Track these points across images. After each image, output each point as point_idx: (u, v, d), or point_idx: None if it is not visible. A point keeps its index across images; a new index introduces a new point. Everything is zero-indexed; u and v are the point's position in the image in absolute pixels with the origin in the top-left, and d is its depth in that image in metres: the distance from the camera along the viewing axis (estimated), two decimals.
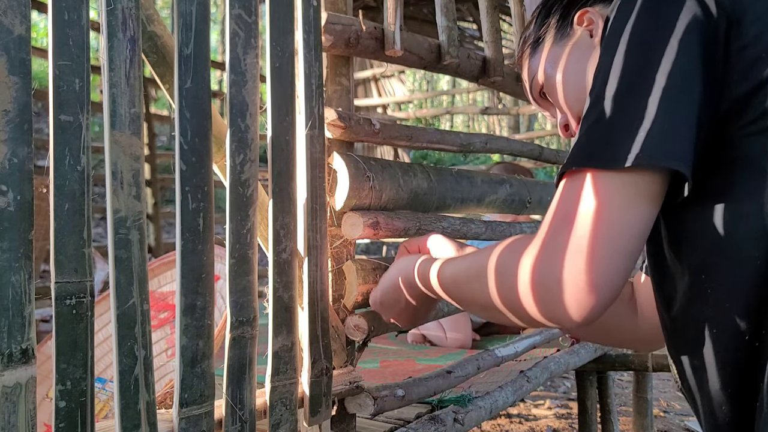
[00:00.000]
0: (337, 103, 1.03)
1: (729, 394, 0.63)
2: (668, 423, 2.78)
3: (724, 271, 0.61)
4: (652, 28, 0.60)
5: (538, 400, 3.11)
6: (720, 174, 0.61)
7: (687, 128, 0.57)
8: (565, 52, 0.82)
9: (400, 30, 1.07)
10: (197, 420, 0.73)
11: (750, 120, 0.59)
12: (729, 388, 0.63)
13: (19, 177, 0.58)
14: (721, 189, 0.60)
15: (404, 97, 6.75)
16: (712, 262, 0.62)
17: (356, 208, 0.99)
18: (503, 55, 1.44)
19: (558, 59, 0.83)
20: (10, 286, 0.58)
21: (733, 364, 0.62)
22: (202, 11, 0.72)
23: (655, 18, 0.60)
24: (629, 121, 0.58)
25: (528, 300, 0.61)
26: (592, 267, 0.57)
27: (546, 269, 0.59)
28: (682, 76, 0.58)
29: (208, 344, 0.74)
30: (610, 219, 0.57)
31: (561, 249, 0.58)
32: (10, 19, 0.57)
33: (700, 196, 0.61)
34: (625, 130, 0.58)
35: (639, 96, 0.58)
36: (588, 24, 0.80)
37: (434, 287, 0.79)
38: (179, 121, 0.70)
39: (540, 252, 0.60)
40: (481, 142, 1.40)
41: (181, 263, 0.71)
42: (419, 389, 1.11)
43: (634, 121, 0.57)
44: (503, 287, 0.64)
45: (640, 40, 0.60)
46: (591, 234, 0.57)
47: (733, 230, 0.59)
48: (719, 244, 0.61)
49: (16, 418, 0.58)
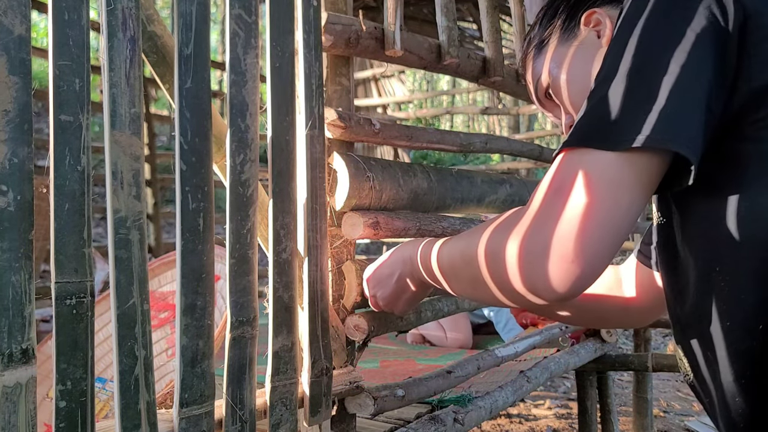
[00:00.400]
0: (337, 103, 1.03)
1: (743, 385, 0.63)
2: (668, 423, 2.78)
3: (738, 263, 0.61)
4: (665, 18, 0.60)
5: (538, 400, 3.11)
6: (734, 166, 0.61)
7: (694, 115, 0.57)
8: (571, 52, 0.82)
9: (400, 30, 1.08)
10: (197, 420, 0.73)
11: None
12: (743, 380, 0.63)
13: (19, 177, 0.58)
14: (735, 181, 0.60)
15: (404, 97, 6.75)
16: (725, 255, 0.62)
17: (356, 208, 0.99)
18: (503, 55, 1.44)
19: (564, 59, 0.83)
20: (11, 286, 0.58)
21: (746, 356, 0.62)
22: (202, 11, 0.72)
23: (670, 9, 0.60)
24: (636, 103, 0.58)
25: (513, 270, 0.61)
26: (581, 241, 0.57)
27: (535, 239, 0.60)
28: (692, 64, 0.57)
29: (209, 344, 0.74)
30: (604, 197, 0.57)
31: (552, 220, 0.59)
32: (10, 19, 0.57)
33: (714, 189, 0.62)
34: (631, 112, 0.58)
35: (647, 80, 0.58)
36: (595, 25, 0.80)
37: (433, 265, 0.79)
38: (179, 121, 0.70)
39: (531, 223, 0.61)
40: (481, 142, 1.40)
41: (181, 263, 0.71)
42: (419, 389, 1.11)
43: (640, 103, 0.58)
44: (492, 259, 0.65)
45: (652, 29, 0.60)
46: (584, 209, 0.57)
47: (747, 222, 0.59)
48: (733, 237, 0.60)
49: (16, 418, 0.58)
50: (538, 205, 0.61)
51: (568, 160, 0.61)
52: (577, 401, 2.06)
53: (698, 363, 0.69)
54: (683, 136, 0.56)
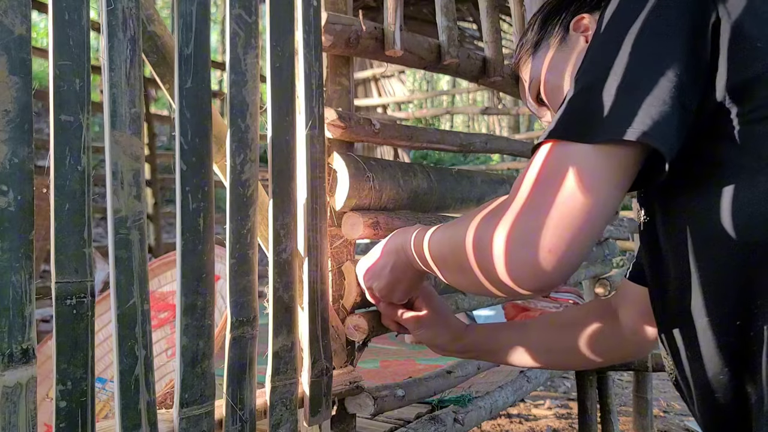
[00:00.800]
0: (337, 103, 1.03)
1: (721, 381, 0.64)
2: (668, 423, 2.78)
3: (716, 259, 0.62)
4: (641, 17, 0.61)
5: (538, 400, 3.11)
6: (714, 163, 0.62)
7: (670, 110, 0.58)
8: (561, 57, 0.84)
9: (400, 30, 1.08)
10: (197, 420, 0.73)
11: (751, 108, 0.59)
12: (721, 376, 0.64)
13: (20, 177, 0.58)
14: (716, 177, 0.61)
15: (404, 97, 6.75)
16: (704, 251, 0.63)
17: (356, 208, 0.99)
18: (503, 55, 1.44)
19: (554, 64, 0.85)
20: (11, 286, 0.58)
21: (725, 352, 0.63)
22: (202, 11, 0.72)
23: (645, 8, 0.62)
24: (613, 97, 0.59)
25: (498, 259, 0.62)
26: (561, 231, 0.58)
27: (518, 228, 0.61)
28: (666, 61, 0.59)
29: (209, 344, 0.74)
30: (583, 189, 0.58)
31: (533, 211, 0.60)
32: (11, 19, 0.57)
33: (694, 185, 0.63)
34: (608, 106, 0.59)
35: (625, 76, 0.59)
36: (584, 30, 0.82)
37: (425, 253, 0.80)
38: (179, 121, 0.70)
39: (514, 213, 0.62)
40: (481, 142, 1.40)
41: (181, 263, 0.71)
42: (419, 389, 1.11)
43: (618, 97, 0.59)
44: (478, 247, 0.65)
45: (628, 27, 0.62)
46: (563, 201, 0.59)
47: (726, 218, 0.60)
48: (712, 233, 0.62)
49: (16, 418, 0.58)
50: (521, 196, 0.62)
51: (548, 152, 0.62)
52: (577, 401, 2.06)
53: (681, 359, 0.70)
54: (658, 131, 0.57)
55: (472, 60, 1.34)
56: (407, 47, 1.11)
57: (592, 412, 2.02)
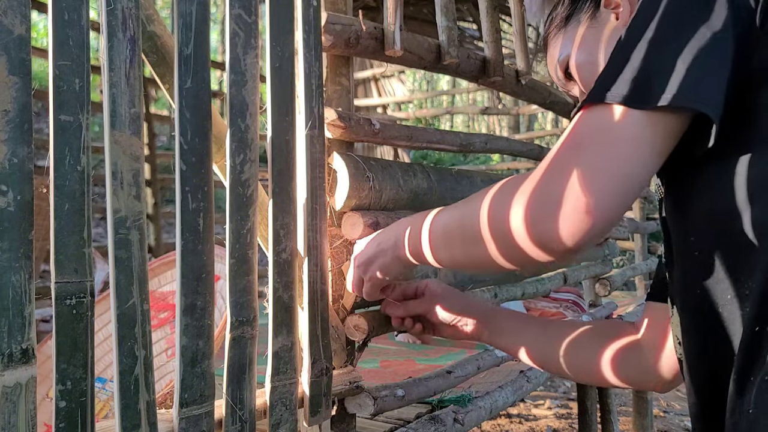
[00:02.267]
0: (337, 103, 1.03)
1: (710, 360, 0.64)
2: (668, 423, 2.78)
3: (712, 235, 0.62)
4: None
5: (538, 400, 3.11)
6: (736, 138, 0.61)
7: (718, 78, 0.58)
8: (592, 33, 0.84)
9: (400, 30, 1.07)
10: (197, 420, 0.73)
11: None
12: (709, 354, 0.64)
13: (19, 177, 0.58)
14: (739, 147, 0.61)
15: (404, 97, 6.75)
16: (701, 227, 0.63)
17: (356, 208, 0.99)
18: (503, 55, 1.44)
19: (585, 40, 0.85)
20: (10, 286, 0.58)
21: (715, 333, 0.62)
22: (202, 11, 0.72)
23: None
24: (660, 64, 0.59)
25: (518, 224, 0.61)
26: (596, 192, 0.58)
27: (547, 189, 0.60)
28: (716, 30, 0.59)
29: (208, 344, 0.74)
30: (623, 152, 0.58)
31: (567, 172, 0.59)
32: (10, 19, 0.57)
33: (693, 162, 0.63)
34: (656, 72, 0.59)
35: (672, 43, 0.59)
36: (615, 6, 0.82)
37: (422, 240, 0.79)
38: (179, 121, 0.70)
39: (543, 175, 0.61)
40: (481, 142, 1.40)
41: (181, 263, 0.71)
42: (419, 389, 1.11)
43: (665, 64, 0.59)
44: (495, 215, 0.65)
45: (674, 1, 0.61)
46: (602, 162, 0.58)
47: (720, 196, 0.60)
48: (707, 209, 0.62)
49: (16, 418, 0.58)
50: (552, 158, 0.62)
51: (587, 116, 0.62)
52: (577, 401, 2.06)
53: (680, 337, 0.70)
54: (707, 97, 0.57)
55: (471, 60, 1.34)
56: (407, 47, 1.11)
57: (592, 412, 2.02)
